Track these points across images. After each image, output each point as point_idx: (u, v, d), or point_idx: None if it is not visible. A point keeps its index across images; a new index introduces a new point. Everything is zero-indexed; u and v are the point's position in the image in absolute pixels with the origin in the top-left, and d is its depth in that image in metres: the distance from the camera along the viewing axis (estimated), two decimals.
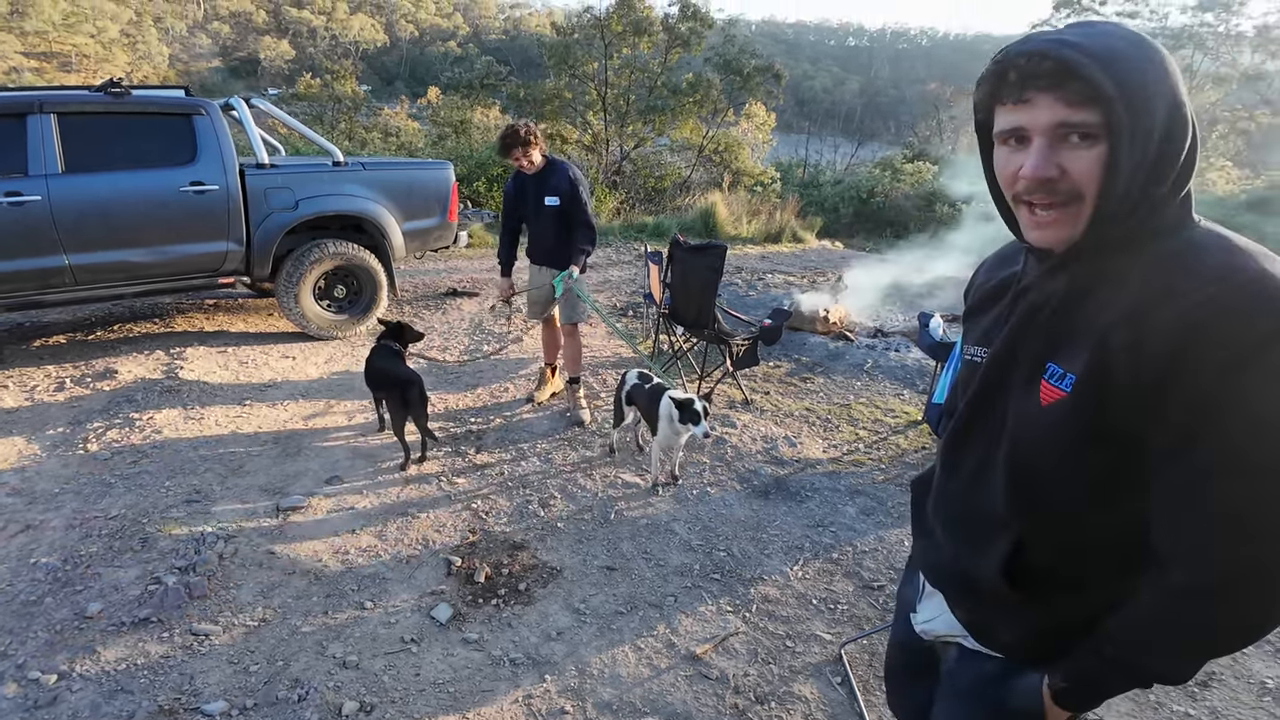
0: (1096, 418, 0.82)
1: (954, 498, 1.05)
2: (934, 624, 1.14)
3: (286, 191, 4.87)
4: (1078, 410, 0.83)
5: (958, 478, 1.04)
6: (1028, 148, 0.82)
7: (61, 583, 2.50)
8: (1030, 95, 0.80)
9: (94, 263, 4.31)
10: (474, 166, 11.13)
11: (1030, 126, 0.81)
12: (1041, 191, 0.81)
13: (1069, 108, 0.77)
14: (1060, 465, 0.88)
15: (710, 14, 14.06)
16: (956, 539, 1.05)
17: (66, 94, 4.42)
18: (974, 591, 1.03)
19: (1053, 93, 0.78)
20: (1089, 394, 0.82)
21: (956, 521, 1.06)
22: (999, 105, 0.84)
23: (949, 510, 1.07)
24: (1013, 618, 0.99)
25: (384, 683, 2.14)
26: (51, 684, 2.07)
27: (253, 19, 65.83)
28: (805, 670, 2.29)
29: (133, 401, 3.96)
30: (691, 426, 2.99)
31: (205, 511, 2.98)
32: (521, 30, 71.84)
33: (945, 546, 1.08)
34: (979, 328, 1.05)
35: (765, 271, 8.33)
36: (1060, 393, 0.84)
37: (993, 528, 0.97)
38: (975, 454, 1.00)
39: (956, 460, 1.04)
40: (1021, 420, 0.90)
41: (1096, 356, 0.81)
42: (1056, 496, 0.90)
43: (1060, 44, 0.77)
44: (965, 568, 1.03)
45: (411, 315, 6.02)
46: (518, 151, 3.63)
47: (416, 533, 2.92)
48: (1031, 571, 0.93)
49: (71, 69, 31.22)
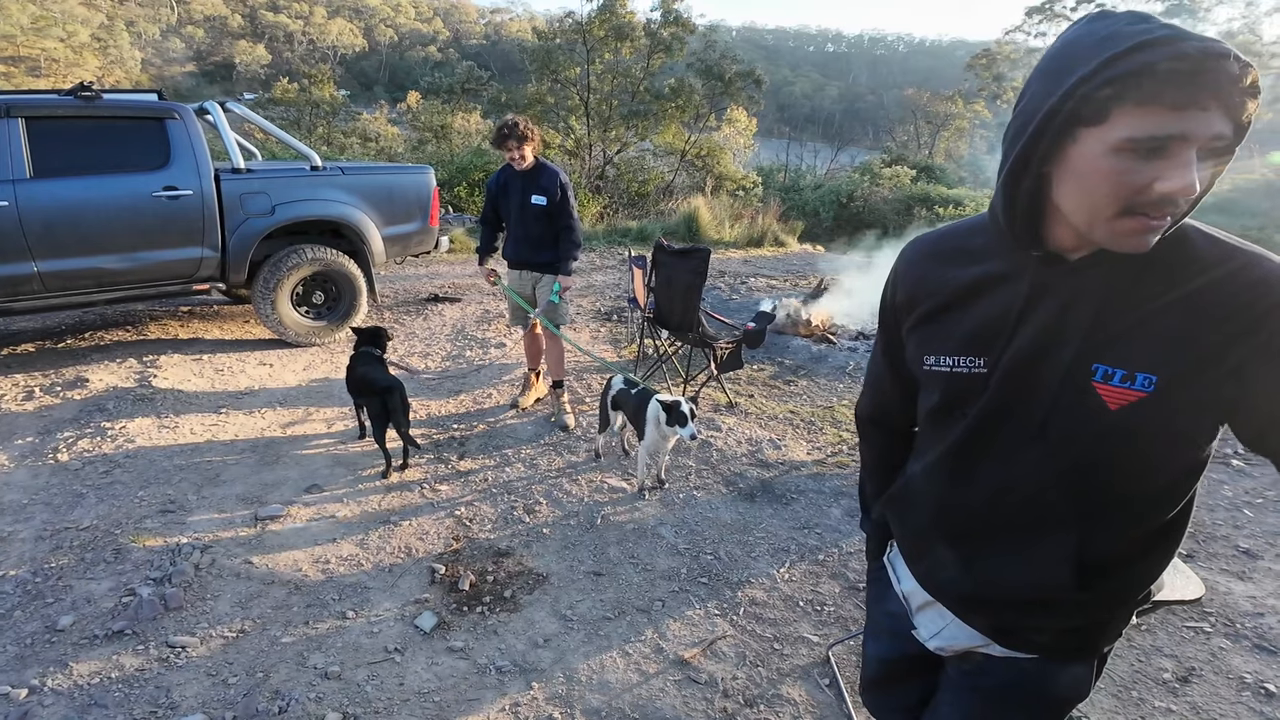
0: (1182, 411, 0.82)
1: (972, 510, 1.00)
2: (945, 637, 1.09)
3: (263, 196, 4.79)
4: (1165, 409, 0.82)
5: (975, 489, 0.99)
6: (1162, 158, 0.75)
7: (31, 595, 2.43)
8: (1209, 103, 0.72)
9: (64, 269, 4.20)
10: (455, 171, 11.08)
11: (1193, 136, 0.73)
12: (1171, 205, 0.77)
13: (1228, 120, 0.73)
14: (1134, 464, 0.87)
15: (691, 19, 14.15)
16: (977, 555, 1.01)
17: (35, 98, 4.31)
18: (1009, 602, 0.99)
19: (1225, 101, 0.72)
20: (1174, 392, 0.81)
21: (977, 536, 1.01)
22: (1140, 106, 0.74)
23: (965, 524, 1.02)
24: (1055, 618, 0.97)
25: (367, 693, 2.10)
26: (22, 699, 2.00)
27: (228, 23, 65.06)
28: (793, 672, 2.29)
29: (104, 410, 3.87)
30: (679, 429, 2.98)
31: (181, 522, 2.92)
32: (502, 35, 71.78)
33: (957, 565, 1.03)
34: (952, 335, 0.97)
35: (748, 275, 8.36)
36: (1136, 394, 0.82)
37: (1034, 535, 0.94)
38: (998, 463, 0.95)
39: (971, 472, 0.99)
40: (1081, 428, 0.87)
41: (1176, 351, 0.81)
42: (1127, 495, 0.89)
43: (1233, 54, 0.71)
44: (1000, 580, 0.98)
45: (392, 321, 5.96)
46: (513, 144, 3.59)
47: (399, 541, 2.88)
48: (1091, 570, 0.92)
49: (40, 73, 30.54)
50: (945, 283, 0.99)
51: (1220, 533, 3.22)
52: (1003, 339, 0.92)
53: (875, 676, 1.33)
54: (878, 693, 1.36)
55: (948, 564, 1.05)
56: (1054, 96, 0.78)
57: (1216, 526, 3.27)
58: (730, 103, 15.62)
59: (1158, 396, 0.82)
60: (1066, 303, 0.87)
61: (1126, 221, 0.79)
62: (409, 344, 5.39)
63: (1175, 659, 2.40)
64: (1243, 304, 0.79)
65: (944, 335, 0.98)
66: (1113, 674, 2.31)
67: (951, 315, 0.98)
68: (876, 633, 1.29)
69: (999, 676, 1.05)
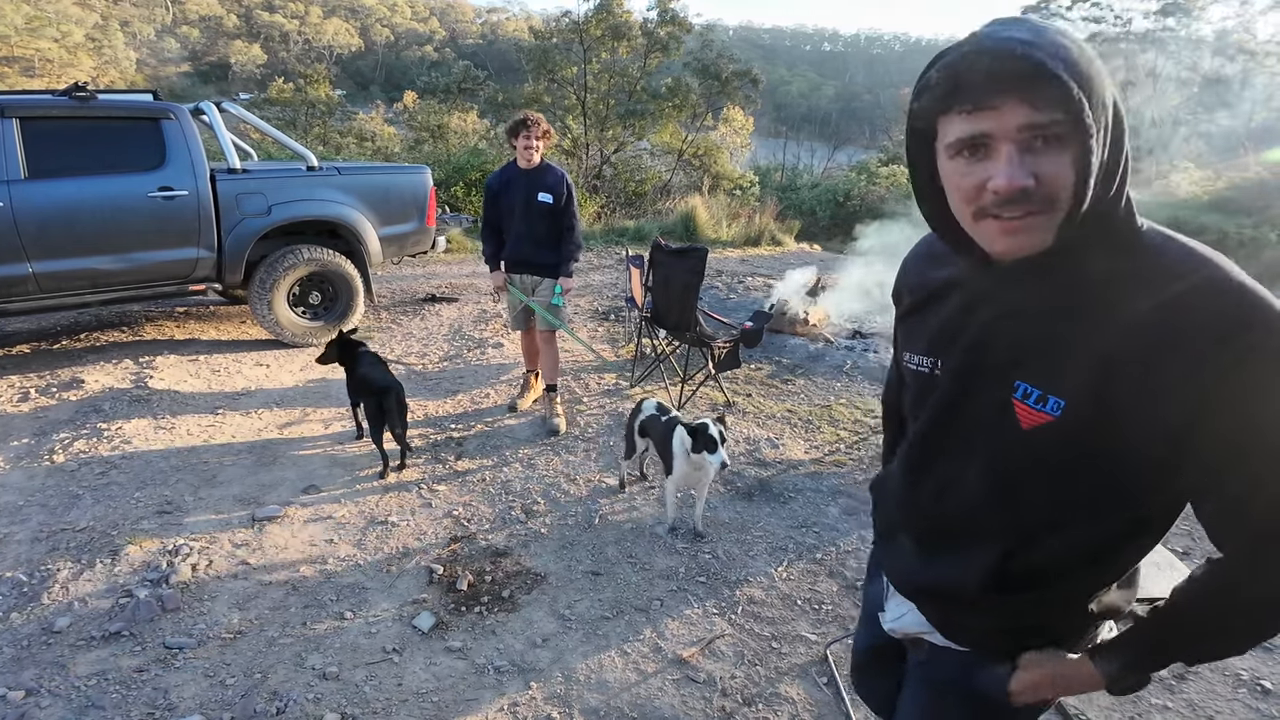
0: (1092, 441, 0.80)
1: (921, 509, 1.03)
2: (902, 622, 1.13)
3: (259, 197, 4.79)
4: (1070, 435, 0.81)
5: (923, 489, 1.02)
6: (989, 157, 0.76)
7: (28, 597, 2.42)
8: (997, 100, 0.73)
9: (59, 270, 4.19)
10: (452, 171, 11.06)
11: (996, 133, 0.74)
12: (1014, 204, 0.75)
13: (1035, 110, 0.72)
14: (1047, 484, 0.87)
15: (688, 19, 14.16)
16: (926, 549, 1.04)
17: (29, 98, 4.30)
18: (948, 599, 1.02)
19: (1020, 94, 0.72)
20: (1082, 419, 0.80)
21: (926, 533, 1.04)
22: (948, 114, 0.77)
23: (917, 522, 1.05)
24: (986, 618, 0.99)
25: (365, 693, 2.10)
26: (19, 700, 2.00)
27: (223, 23, 64.88)
28: (791, 671, 2.29)
29: (100, 411, 3.86)
30: (708, 456, 2.67)
31: (178, 523, 2.91)
32: (499, 35, 71.71)
33: (913, 556, 1.06)
34: (922, 334, 0.99)
35: (745, 274, 8.37)
36: (1045, 417, 0.82)
37: (969, 539, 0.96)
38: (942, 466, 0.98)
39: (921, 471, 1.02)
40: (1000, 443, 0.88)
41: (1095, 382, 0.78)
42: (1043, 512, 0.89)
43: (1023, 44, 0.72)
44: (938, 578, 1.01)
45: (389, 321, 5.95)
46: (532, 135, 3.56)
47: (397, 541, 2.88)
48: (1012, 579, 0.93)
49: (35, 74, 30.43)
50: (925, 282, 1.01)
51: None
52: (950, 343, 0.93)
53: (858, 663, 1.39)
54: (861, 677, 1.40)
55: (904, 554, 1.08)
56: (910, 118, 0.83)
57: None
58: (727, 102, 15.64)
59: (1063, 423, 0.81)
60: (1002, 312, 0.87)
61: (985, 224, 0.79)
62: (406, 344, 5.39)
63: None
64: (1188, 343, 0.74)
65: (918, 334, 1.00)
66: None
67: (925, 315, 0.99)
68: (863, 618, 1.33)
69: (940, 668, 1.08)
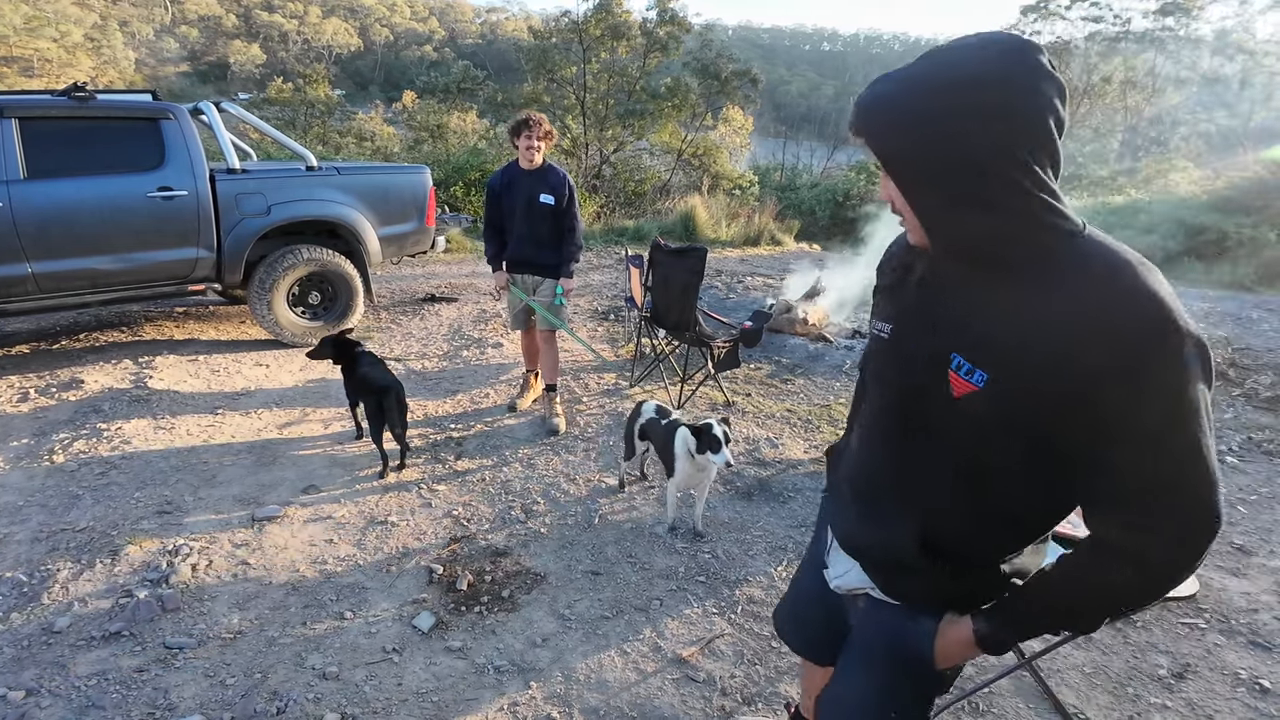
0: (1007, 413, 0.91)
1: (866, 468, 1.15)
2: (846, 579, 1.23)
3: (259, 197, 4.78)
4: (990, 406, 0.91)
5: (870, 451, 1.14)
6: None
7: (28, 597, 2.42)
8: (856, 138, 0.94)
9: (58, 270, 4.19)
10: (451, 171, 11.06)
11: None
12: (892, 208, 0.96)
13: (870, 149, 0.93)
14: (973, 451, 0.96)
15: (687, 19, 14.16)
16: (869, 513, 1.14)
17: (29, 98, 4.30)
18: (880, 554, 1.13)
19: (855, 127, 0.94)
20: (1000, 393, 0.90)
21: (870, 496, 1.14)
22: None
23: (864, 479, 1.16)
24: (915, 578, 1.09)
25: (365, 693, 2.10)
26: (20, 700, 2.00)
27: (222, 23, 64.82)
28: (791, 670, 2.29)
29: (100, 412, 3.86)
30: (711, 455, 2.67)
31: (177, 523, 2.91)
32: (498, 34, 71.65)
33: (856, 515, 1.17)
34: (887, 304, 1.12)
35: (745, 274, 8.37)
36: (971, 386, 0.93)
37: (904, 501, 1.06)
38: (884, 430, 1.10)
39: (867, 432, 1.15)
40: (934, 408, 0.98)
41: (1009, 363, 0.89)
42: (966, 476, 0.99)
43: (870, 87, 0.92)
44: (877, 539, 1.12)
45: (389, 321, 5.95)
46: (534, 135, 3.56)
47: (396, 541, 2.88)
48: (941, 541, 1.03)
49: (34, 74, 30.40)
50: (895, 263, 1.14)
51: None
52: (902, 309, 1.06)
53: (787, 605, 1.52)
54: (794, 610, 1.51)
55: (848, 515, 1.20)
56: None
57: None
58: (726, 102, 15.64)
59: (986, 394, 0.91)
60: (945, 292, 0.98)
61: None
62: (406, 344, 5.39)
63: (1170, 655, 2.41)
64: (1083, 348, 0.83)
65: (886, 304, 1.13)
66: (1108, 670, 2.33)
67: (891, 289, 1.12)
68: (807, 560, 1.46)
69: (874, 624, 1.19)
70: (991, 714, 2.13)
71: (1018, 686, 2.22)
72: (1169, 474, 0.84)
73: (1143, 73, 28.48)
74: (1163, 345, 0.81)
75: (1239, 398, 4.87)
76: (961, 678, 2.25)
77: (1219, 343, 5.94)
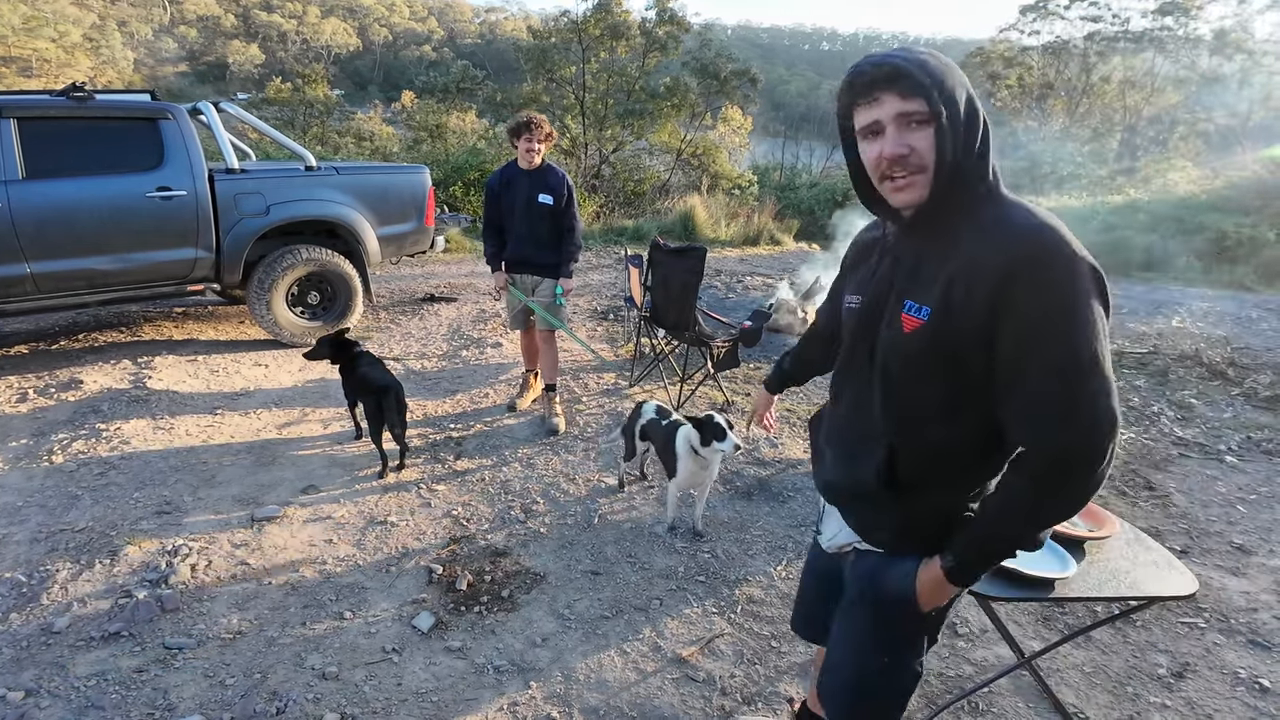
0: (945, 341, 1.09)
1: (841, 421, 1.31)
2: (837, 537, 1.38)
3: (258, 197, 4.78)
4: (932, 334, 1.10)
5: (843, 403, 1.30)
6: (881, 137, 1.08)
7: (27, 598, 2.42)
8: (878, 94, 1.06)
9: (57, 271, 4.18)
10: (450, 171, 11.05)
11: (882, 118, 1.07)
12: (898, 166, 1.07)
13: (904, 100, 1.05)
14: (918, 380, 1.14)
15: (687, 18, 14.15)
16: (842, 455, 1.30)
17: (27, 98, 4.29)
18: (857, 497, 1.29)
19: (891, 89, 1.05)
20: (939, 323, 1.09)
21: (842, 441, 1.31)
22: (855, 108, 1.11)
23: (837, 434, 1.32)
24: (888, 516, 1.24)
25: (365, 693, 2.10)
26: (19, 701, 2.00)
27: (220, 23, 64.73)
28: (791, 670, 2.30)
29: (99, 412, 3.86)
30: (716, 445, 2.67)
31: (177, 523, 2.91)
32: (497, 34, 71.56)
33: (833, 464, 1.33)
34: (855, 280, 1.31)
35: (744, 274, 8.37)
36: (918, 321, 1.11)
37: (870, 440, 1.21)
38: (855, 383, 1.26)
39: (841, 389, 1.31)
40: (889, 346, 1.16)
41: (944, 295, 1.07)
42: (916, 408, 1.16)
43: (890, 56, 1.06)
44: (850, 477, 1.28)
45: (388, 321, 5.95)
46: (534, 138, 3.56)
47: (396, 541, 2.88)
48: (900, 474, 1.18)
49: (32, 74, 30.36)
50: (860, 244, 1.38)
51: (1214, 529, 3.24)
52: (869, 282, 1.24)
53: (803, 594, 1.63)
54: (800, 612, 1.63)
55: (827, 464, 1.35)
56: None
57: (1210, 523, 3.29)
58: (726, 101, 15.62)
59: (930, 326, 1.10)
60: (899, 257, 1.18)
61: (884, 185, 1.11)
62: (405, 344, 5.38)
63: (1170, 654, 2.41)
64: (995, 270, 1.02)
65: (852, 281, 1.33)
66: (1108, 669, 2.33)
67: (858, 267, 1.33)
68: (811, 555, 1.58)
69: (857, 572, 1.32)
70: (991, 713, 2.13)
71: (1017, 686, 2.22)
72: (1072, 378, 1.00)
73: (1141, 72, 28.48)
74: (1063, 263, 1.00)
75: (1238, 397, 4.87)
76: (961, 677, 2.26)
77: (1218, 342, 5.95)
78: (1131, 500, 3.49)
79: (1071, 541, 1.88)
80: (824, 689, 1.42)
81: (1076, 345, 0.99)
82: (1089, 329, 0.99)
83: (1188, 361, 5.54)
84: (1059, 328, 0.99)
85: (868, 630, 1.31)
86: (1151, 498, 3.52)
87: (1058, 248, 1.01)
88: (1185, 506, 3.44)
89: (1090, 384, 1.00)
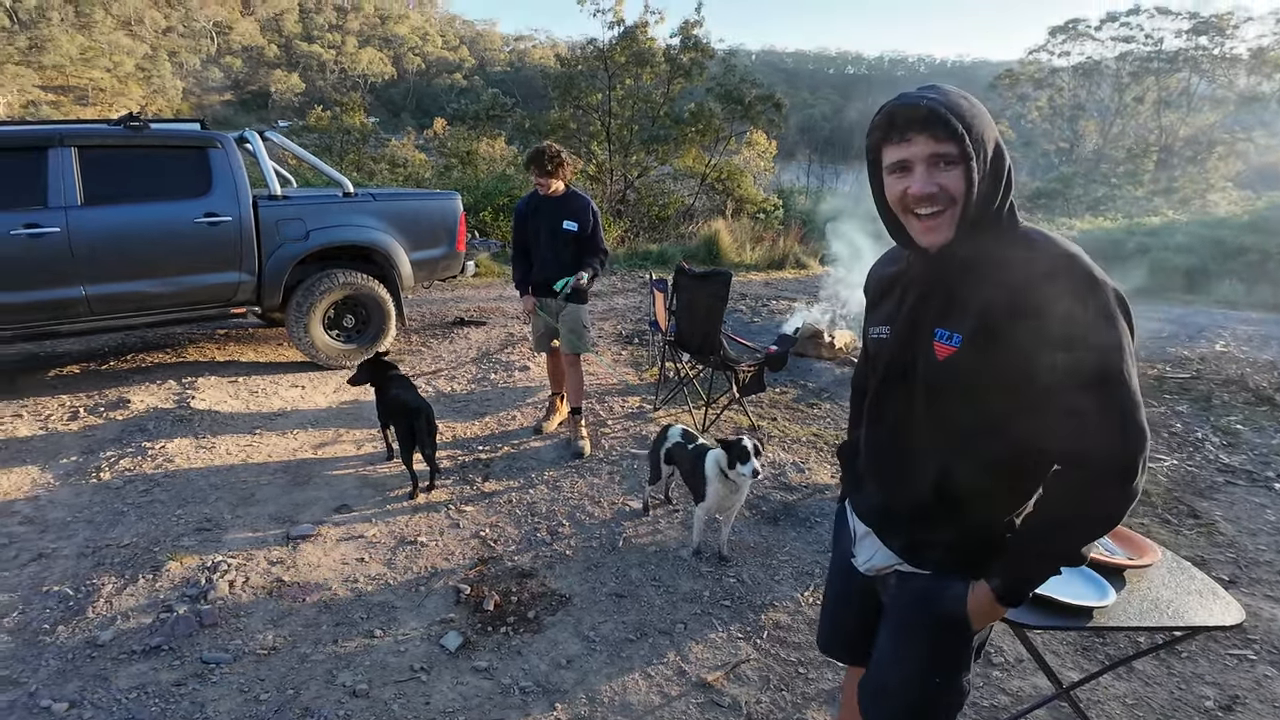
0: (976, 365, 1.13)
1: (881, 445, 1.33)
2: (874, 560, 1.38)
3: (298, 222, 4.95)
4: (965, 361, 1.14)
5: (883, 427, 1.32)
6: (910, 175, 1.12)
7: (73, 611, 2.51)
8: (911, 135, 1.10)
9: (110, 293, 4.38)
10: (480, 196, 11.29)
11: (912, 158, 1.11)
12: (925, 204, 1.11)
13: (937, 143, 1.08)
14: (959, 402, 1.17)
15: (711, 45, 14.33)
16: (887, 478, 1.32)
17: (86, 127, 4.53)
18: (905, 519, 1.30)
19: (925, 132, 1.08)
20: (971, 349, 1.13)
21: (885, 464, 1.33)
22: (887, 145, 1.14)
23: (878, 457, 1.34)
24: (937, 535, 1.26)
25: (394, 711, 2.13)
26: (63, 712, 2.07)
27: (264, 53, 67.34)
28: (818, 697, 2.27)
29: (145, 431, 4.00)
30: (740, 467, 2.68)
31: (216, 540, 3.00)
32: (526, 62, 73.13)
33: (877, 490, 1.34)
34: (880, 313, 1.34)
35: (769, 298, 8.38)
36: (951, 349, 1.15)
37: (916, 460, 1.24)
38: (894, 406, 1.28)
39: (880, 413, 1.32)
40: (927, 372, 1.20)
41: (974, 322, 1.12)
42: (960, 427, 1.19)
43: (925, 99, 1.08)
44: (897, 499, 1.30)
45: (419, 344, 6.08)
46: (535, 175, 3.67)
47: (425, 561, 2.92)
48: (950, 491, 1.21)
49: (88, 102, 31.91)
50: (882, 279, 1.37)
51: (1264, 558, 3.13)
52: (897, 313, 1.27)
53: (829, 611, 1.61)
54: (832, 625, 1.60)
55: (871, 493, 1.36)
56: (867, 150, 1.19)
57: (1260, 551, 3.19)
58: (750, 126, 15.72)
59: (961, 351, 1.14)
60: (928, 288, 1.22)
61: (909, 220, 1.16)
62: (435, 367, 5.49)
63: (1218, 686, 2.34)
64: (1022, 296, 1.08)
65: (878, 313, 1.35)
66: (1150, 701, 2.26)
67: (883, 300, 1.35)
68: (832, 573, 1.59)
69: (907, 594, 1.32)
70: None
71: (1056, 717, 2.17)
72: (1101, 393, 1.04)
73: (1177, 92, 27.98)
74: (1087, 286, 1.05)
75: None
76: (996, 708, 2.21)
77: (1264, 366, 5.78)
78: (1175, 528, 3.40)
79: (1110, 570, 1.84)
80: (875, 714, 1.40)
81: (1105, 362, 1.04)
82: (1116, 346, 1.04)
83: (1232, 386, 5.38)
84: (1088, 345, 1.04)
85: (923, 652, 1.32)
86: (1196, 526, 3.42)
87: (1081, 272, 1.06)
88: (1232, 535, 3.33)
89: (1119, 398, 1.05)
